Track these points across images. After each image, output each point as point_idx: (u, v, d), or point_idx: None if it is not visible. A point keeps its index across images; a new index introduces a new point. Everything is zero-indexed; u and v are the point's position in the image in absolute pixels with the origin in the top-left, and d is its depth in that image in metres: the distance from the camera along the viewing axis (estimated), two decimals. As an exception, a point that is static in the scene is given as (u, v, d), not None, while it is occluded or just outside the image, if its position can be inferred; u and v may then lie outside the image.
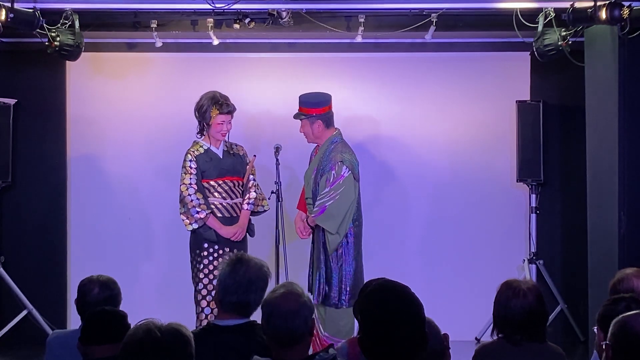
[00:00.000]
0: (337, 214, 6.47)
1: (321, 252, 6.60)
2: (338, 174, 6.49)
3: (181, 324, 2.93)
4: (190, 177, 6.60)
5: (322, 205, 6.50)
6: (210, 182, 6.66)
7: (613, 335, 2.93)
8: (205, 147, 6.70)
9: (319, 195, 6.56)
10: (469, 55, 8.17)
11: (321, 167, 6.61)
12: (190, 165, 6.63)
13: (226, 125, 6.67)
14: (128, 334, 2.95)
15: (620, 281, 4.43)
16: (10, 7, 6.14)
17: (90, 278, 4.31)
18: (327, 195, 6.49)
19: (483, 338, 7.67)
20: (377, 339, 2.71)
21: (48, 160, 8.12)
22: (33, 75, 8.06)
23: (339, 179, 6.48)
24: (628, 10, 6.03)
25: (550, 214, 8.13)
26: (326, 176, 6.53)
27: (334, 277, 6.57)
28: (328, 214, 6.48)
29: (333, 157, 6.55)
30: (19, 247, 8.06)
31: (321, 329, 6.56)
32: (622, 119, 6.48)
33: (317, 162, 6.70)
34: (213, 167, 6.66)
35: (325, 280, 6.57)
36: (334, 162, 6.52)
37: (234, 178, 6.73)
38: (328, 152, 6.63)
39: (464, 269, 8.14)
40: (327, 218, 6.49)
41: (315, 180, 6.66)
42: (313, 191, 6.67)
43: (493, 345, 4.01)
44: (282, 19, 6.96)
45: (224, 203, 6.67)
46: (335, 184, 6.48)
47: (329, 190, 6.50)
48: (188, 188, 6.57)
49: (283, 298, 3.26)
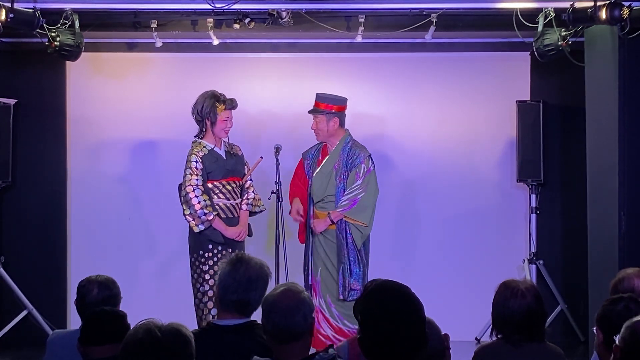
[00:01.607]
0: (369, 205, 6.70)
1: (344, 247, 6.68)
2: (367, 167, 6.73)
3: (181, 324, 2.93)
4: (196, 178, 6.56)
5: (354, 198, 6.69)
6: (215, 183, 6.65)
7: (624, 339, 2.92)
8: (209, 148, 6.68)
9: (349, 189, 6.71)
10: (469, 55, 8.17)
11: (347, 162, 6.74)
12: (197, 166, 6.58)
13: (230, 122, 6.67)
14: (128, 334, 2.95)
15: (621, 281, 4.43)
16: (10, 7, 6.14)
17: (89, 278, 4.29)
18: (359, 187, 6.69)
19: (483, 338, 7.68)
20: (377, 339, 2.71)
21: (48, 160, 8.13)
22: (33, 75, 8.07)
23: (367, 172, 6.71)
24: (628, 10, 6.04)
25: (550, 214, 8.13)
26: (356, 170, 6.72)
27: (360, 270, 6.67)
28: (361, 205, 6.68)
29: (360, 151, 6.77)
30: (19, 247, 8.06)
31: (348, 323, 6.65)
32: (622, 119, 6.48)
33: (335, 160, 6.80)
34: (219, 167, 6.64)
35: (350, 274, 6.65)
36: (363, 156, 6.75)
37: (235, 179, 6.73)
38: (348, 149, 6.79)
39: (464, 269, 8.14)
40: (360, 210, 6.68)
41: (338, 176, 6.76)
42: (336, 187, 6.76)
43: (492, 346, 4.01)
44: (282, 19, 6.96)
45: (227, 204, 6.66)
46: (365, 177, 6.71)
47: (360, 183, 6.70)
48: (194, 189, 6.54)
49: (282, 295, 3.27)
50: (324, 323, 6.73)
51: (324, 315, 6.74)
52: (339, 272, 6.68)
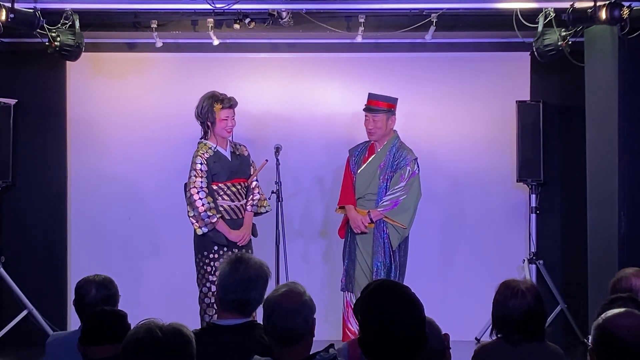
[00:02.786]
0: (410, 207, 6.79)
1: (381, 246, 6.76)
2: (412, 170, 6.82)
3: (182, 324, 2.93)
4: (200, 180, 6.56)
5: (395, 199, 6.76)
6: (219, 185, 6.65)
7: (596, 340, 2.83)
8: (214, 149, 6.67)
9: (391, 190, 6.78)
10: (469, 55, 8.17)
11: (392, 163, 6.82)
12: (201, 167, 6.59)
13: (230, 121, 6.66)
14: (129, 334, 2.95)
15: (619, 280, 4.43)
16: (11, 7, 6.15)
17: (87, 278, 4.27)
18: (403, 189, 6.77)
19: (483, 338, 7.67)
20: (377, 339, 2.71)
21: (48, 160, 8.12)
22: (33, 75, 8.06)
23: (412, 175, 6.80)
24: (628, 10, 6.04)
25: (550, 214, 8.13)
26: (400, 172, 6.81)
27: (393, 270, 6.73)
28: (402, 207, 6.76)
29: (407, 154, 6.86)
30: (19, 247, 8.06)
31: None
32: (622, 119, 6.48)
33: (381, 159, 6.86)
34: (223, 169, 6.64)
35: (385, 275, 6.70)
36: (410, 158, 6.84)
37: (240, 180, 6.73)
38: (395, 150, 6.87)
39: (464, 269, 8.14)
40: (401, 211, 6.76)
41: (382, 175, 6.82)
42: (379, 186, 6.81)
43: (492, 346, 4.01)
44: (282, 19, 6.96)
45: (232, 205, 6.66)
46: (409, 180, 6.80)
47: (404, 184, 6.78)
48: (198, 192, 6.54)
49: (284, 297, 3.26)
50: (353, 319, 6.78)
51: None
52: (374, 271, 6.73)
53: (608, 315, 2.86)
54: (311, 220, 8.18)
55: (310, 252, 8.18)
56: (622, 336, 2.77)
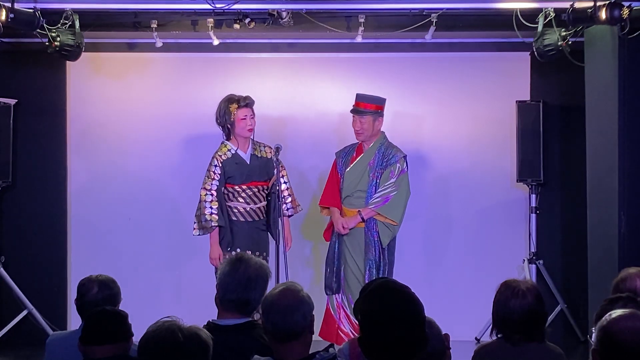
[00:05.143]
0: (400, 204, 6.77)
1: (371, 245, 6.74)
2: (402, 167, 6.82)
3: (200, 328, 2.95)
4: (211, 183, 6.60)
5: (386, 195, 6.76)
6: (235, 187, 6.66)
7: (599, 341, 2.82)
8: (232, 151, 6.69)
9: (381, 187, 6.78)
10: (469, 55, 8.17)
11: (382, 160, 6.81)
12: (215, 170, 6.63)
13: (249, 120, 6.70)
14: (150, 329, 2.94)
15: (623, 280, 4.43)
16: (11, 7, 6.14)
17: (89, 278, 4.30)
18: (392, 185, 6.77)
19: (483, 338, 7.67)
20: (377, 338, 2.71)
21: (48, 160, 8.12)
22: (33, 75, 8.06)
23: (402, 172, 6.81)
24: (628, 10, 6.03)
25: (550, 214, 8.13)
26: (390, 168, 6.80)
27: (382, 268, 6.73)
28: (392, 203, 6.75)
29: (396, 152, 6.86)
30: (19, 247, 8.06)
31: None
32: (622, 119, 6.48)
33: (370, 157, 6.86)
34: (239, 172, 6.67)
35: (375, 273, 6.71)
36: (399, 156, 6.84)
37: (259, 183, 6.74)
38: (384, 148, 6.87)
39: (464, 269, 8.14)
40: (392, 207, 6.75)
41: (372, 172, 6.81)
42: (369, 183, 6.81)
43: (492, 345, 4.01)
44: (282, 19, 6.96)
45: (247, 208, 6.67)
46: (399, 177, 6.80)
47: (394, 181, 6.78)
48: (207, 194, 6.59)
49: (281, 294, 3.27)
50: (345, 320, 6.80)
51: (345, 312, 6.81)
52: (366, 270, 6.72)
53: (612, 317, 2.84)
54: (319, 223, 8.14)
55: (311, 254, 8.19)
56: (626, 339, 2.76)
